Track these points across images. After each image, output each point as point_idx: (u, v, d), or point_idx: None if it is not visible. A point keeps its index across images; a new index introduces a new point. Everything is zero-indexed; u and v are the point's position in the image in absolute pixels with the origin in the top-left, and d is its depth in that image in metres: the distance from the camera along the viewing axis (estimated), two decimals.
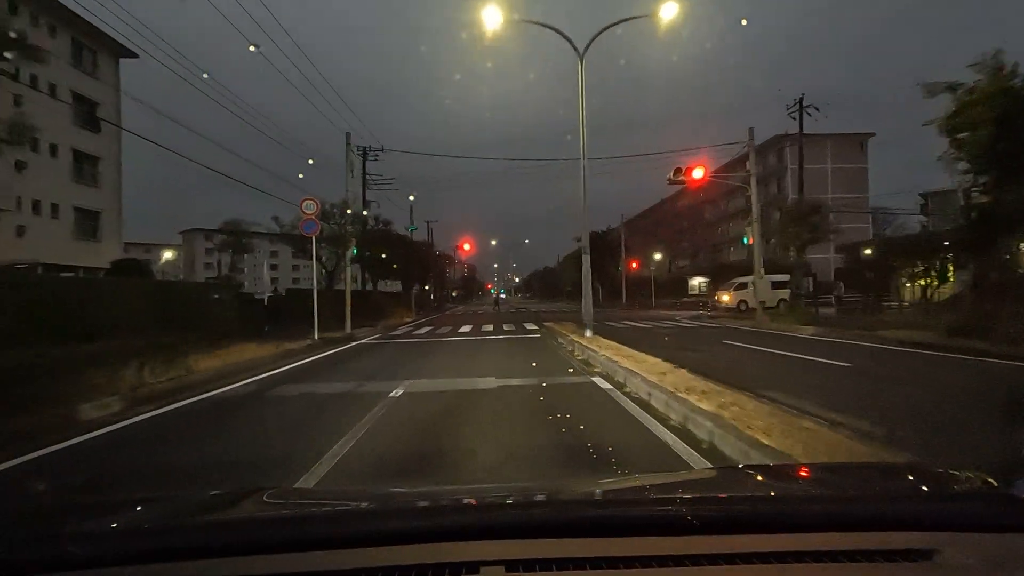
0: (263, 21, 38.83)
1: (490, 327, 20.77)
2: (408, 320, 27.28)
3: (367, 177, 32.35)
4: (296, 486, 3.38)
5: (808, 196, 44.99)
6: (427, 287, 47.61)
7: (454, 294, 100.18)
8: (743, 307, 28.74)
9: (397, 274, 32.01)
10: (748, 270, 40.30)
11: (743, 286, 30.11)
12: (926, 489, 1.41)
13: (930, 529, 1.00)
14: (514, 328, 19.96)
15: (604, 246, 47.52)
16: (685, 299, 38.07)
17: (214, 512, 1.36)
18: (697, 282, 39.92)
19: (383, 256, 26.53)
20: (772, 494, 1.43)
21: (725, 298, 30.26)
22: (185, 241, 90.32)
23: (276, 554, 0.98)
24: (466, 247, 43.39)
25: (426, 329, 20.85)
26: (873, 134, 42.89)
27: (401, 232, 32.49)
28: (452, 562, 0.94)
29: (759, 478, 1.70)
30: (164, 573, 0.97)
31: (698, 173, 18.58)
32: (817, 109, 29.94)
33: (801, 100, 30.41)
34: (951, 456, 4.23)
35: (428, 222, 49.37)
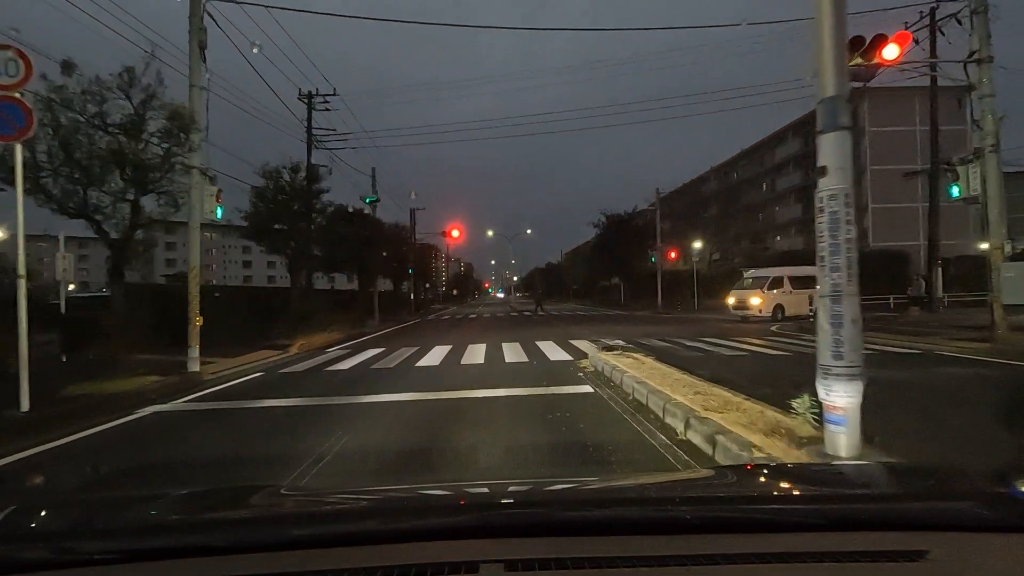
0: None
1: (479, 352, 11.48)
2: (357, 334, 17.96)
3: (313, 133, 23.11)
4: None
5: (894, 163, 35.82)
6: (402, 285, 38.12)
7: (454, 292, 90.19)
8: (779, 315, 18.89)
9: (352, 266, 22.71)
10: (807, 260, 30.94)
11: (777, 283, 19.92)
12: (922, 489, 1.37)
13: (927, 529, 1.00)
14: (524, 357, 10.66)
15: (629, 233, 38.21)
16: None
17: (217, 510, 1.34)
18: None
19: (308, 234, 16.68)
20: (772, 494, 1.38)
21: (755, 301, 19.62)
22: (144, 235, 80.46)
23: (277, 552, 0.96)
24: (455, 233, 34.28)
25: (364, 357, 11.54)
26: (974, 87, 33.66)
27: (357, 211, 22.98)
28: (451, 561, 0.91)
29: (758, 479, 1.63)
30: (166, 570, 0.95)
31: (891, 51, 9.41)
32: (959, 22, 20.53)
33: (933, 12, 20.75)
34: None
35: (412, 209, 40.00)
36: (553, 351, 11.27)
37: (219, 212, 10.13)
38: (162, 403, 6.84)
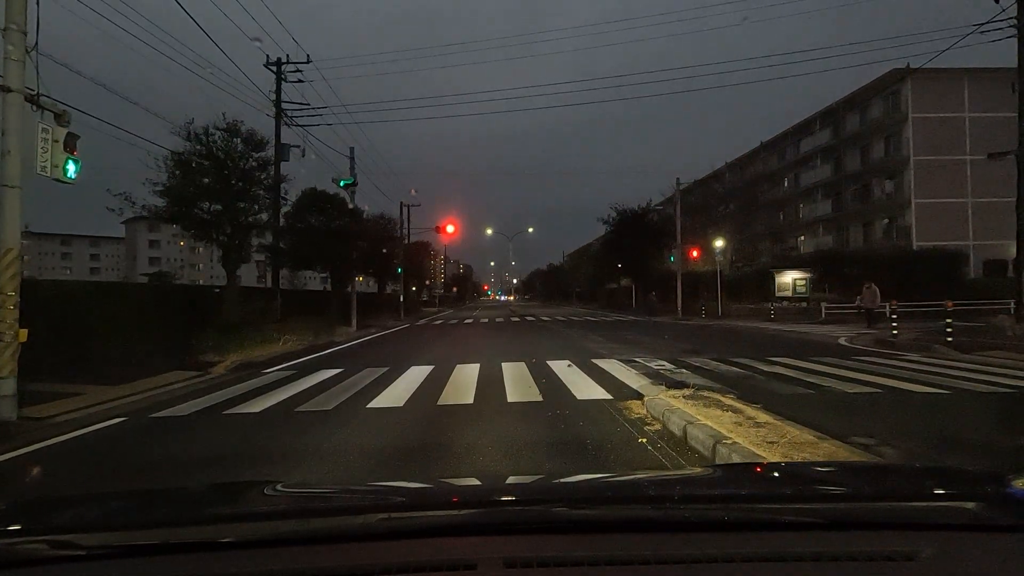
0: None
1: (469, 378, 7.98)
2: (322, 344, 14.45)
3: (283, 107, 19.66)
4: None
5: (940, 153, 32.31)
6: (388, 286, 34.62)
7: (454, 289, 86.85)
8: None
9: (322, 261, 19.17)
10: (841, 260, 27.27)
11: None
12: (920, 489, 1.33)
13: (924, 528, 0.99)
14: (535, 389, 7.20)
15: (643, 230, 34.75)
16: (780, 302, 25.06)
17: (215, 506, 1.32)
18: (791, 279, 26.66)
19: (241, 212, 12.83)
20: (770, 493, 1.34)
21: None
22: (128, 232, 77.04)
23: (277, 548, 0.95)
24: (449, 228, 30.82)
25: (305, 385, 8.06)
26: None
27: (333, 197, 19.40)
28: (450, 558, 0.90)
29: (757, 478, 1.59)
30: (162, 566, 0.92)
31: None
32: None
33: None
34: None
35: (404, 204, 36.45)
36: (575, 379, 7.78)
37: (71, 168, 6.66)
38: None
